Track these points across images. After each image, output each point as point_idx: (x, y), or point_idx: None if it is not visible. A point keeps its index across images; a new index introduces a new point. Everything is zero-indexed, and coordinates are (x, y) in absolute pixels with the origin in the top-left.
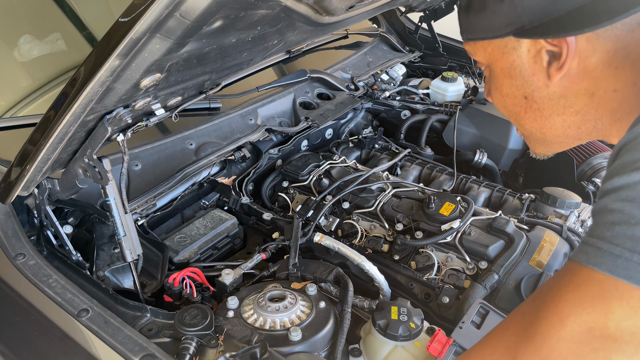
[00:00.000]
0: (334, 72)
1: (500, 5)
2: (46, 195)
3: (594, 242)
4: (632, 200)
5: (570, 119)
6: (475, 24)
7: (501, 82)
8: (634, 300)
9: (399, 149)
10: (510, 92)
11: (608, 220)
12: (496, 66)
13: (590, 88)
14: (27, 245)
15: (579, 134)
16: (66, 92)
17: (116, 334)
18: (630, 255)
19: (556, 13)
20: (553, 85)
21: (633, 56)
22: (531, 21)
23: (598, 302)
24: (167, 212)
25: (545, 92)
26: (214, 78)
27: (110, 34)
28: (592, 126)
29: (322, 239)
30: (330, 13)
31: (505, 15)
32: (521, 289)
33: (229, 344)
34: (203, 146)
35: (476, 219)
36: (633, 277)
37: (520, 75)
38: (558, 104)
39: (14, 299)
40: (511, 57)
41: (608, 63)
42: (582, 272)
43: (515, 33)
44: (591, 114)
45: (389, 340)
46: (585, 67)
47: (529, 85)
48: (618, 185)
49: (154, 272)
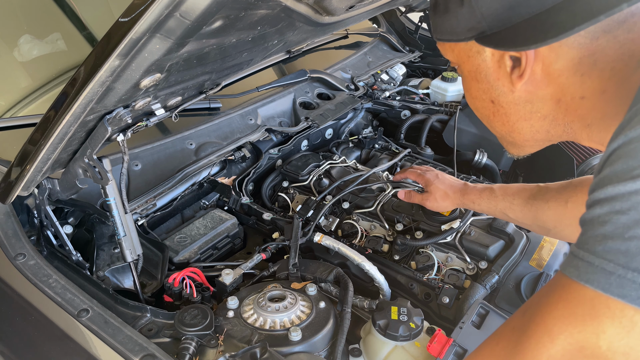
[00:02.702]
0: (334, 72)
1: (460, 9)
2: (46, 195)
3: (584, 255)
4: (626, 212)
5: (537, 124)
6: (441, 25)
7: (469, 85)
8: (626, 319)
9: (399, 149)
10: (478, 95)
11: (600, 233)
12: (464, 68)
13: (556, 94)
14: (27, 245)
15: (549, 137)
16: (66, 92)
17: (116, 334)
18: (624, 272)
19: (515, 20)
20: (518, 90)
21: (600, 64)
22: (491, 27)
23: (589, 321)
24: (167, 212)
25: (511, 97)
26: (214, 78)
27: (110, 34)
28: (561, 130)
29: (322, 239)
30: (330, 13)
31: (466, 20)
32: (521, 289)
33: (229, 344)
34: (203, 146)
35: (476, 219)
36: (627, 295)
37: (485, 79)
38: (524, 109)
39: (14, 299)
40: (476, 61)
41: (574, 70)
42: (572, 287)
43: (476, 38)
44: (559, 119)
45: (389, 341)
46: (550, 73)
47: (494, 90)
48: (611, 195)
49: (154, 272)
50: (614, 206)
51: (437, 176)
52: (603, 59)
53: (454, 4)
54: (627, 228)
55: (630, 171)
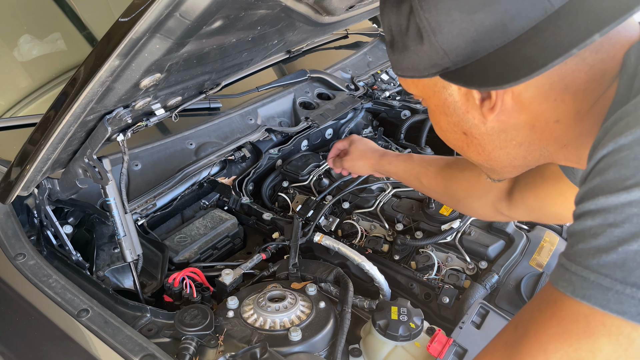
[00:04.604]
0: (334, 72)
1: (421, 46)
2: (46, 195)
3: (578, 270)
4: (620, 225)
5: (514, 151)
6: (401, 62)
7: (438, 118)
8: (623, 337)
9: (399, 149)
10: (449, 128)
11: (593, 246)
12: (430, 102)
13: (530, 121)
14: (27, 245)
15: (526, 163)
16: (66, 92)
17: (116, 334)
18: (621, 288)
19: (480, 53)
20: (490, 121)
21: (572, 87)
22: (455, 63)
23: (584, 339)
24: (167, 212)
25: (484, 128)
26: (214, 78)
27: (110, 34)
28: (538, 154)
29: (322, 239)
30: (330, 13)
31: (428, 57)
32: (521, 289)
33: (229, 344)
34: (203, 146)
35: (476, 219)
36: (627, 312)
37: (454, 112)
38: (499, 138)
39: (13, 299)
40: (443, 96)
41: (545, 96)
42: (566, 303)
43: (441, 74)
44: (535, 144)
45: (389, 341)
46: (521, 101)
47: (465, 123)
48: (603, 206)
49: (154, 272)
50: (607, 218)
51: (360, 139)
52: (574, 82)
53: (413, 41)
54: (622, 241)
55: (623, 181)
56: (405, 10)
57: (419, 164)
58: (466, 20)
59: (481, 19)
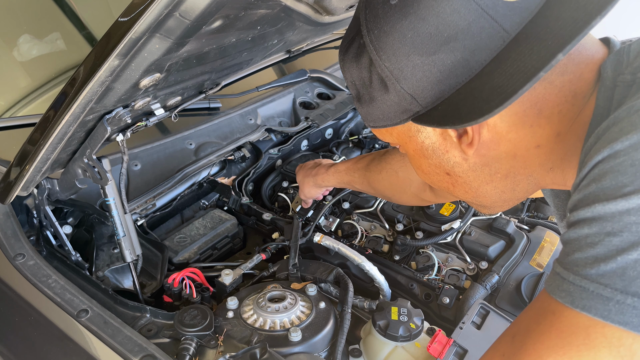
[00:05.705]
0: (334, 71)
1: (387, 95)
2: (45, 195)
3: (575, 279)
4: (618, 234)
5: (501, 184)
6: (371, 114)
7: (419, 162)
8: (624, 348)
9: None
10: (431, 171)
11: (590, 255)
12: (408, 148)
13: (510, 150)
14: (27, 245)
15: (516, 195)
16: (65, 92)
17: (116, 335)
18: (622, 298)
19: (448, 92)
20: (471, 157)
21: (545, 111)
22: (425, 105)
23: (585, 352)
24: (167, 212)
25: (466, 165)
26: (214, 78)
27: (109, 34)
28: (525, 184)
29: (322, 239)
30: (330, 13)
31: (397, 104)
32: (521, 290)
33: (228, 345)
34: (203, 146)
35: (476, 219)
36: (629, 322)
37: (434, 154)
38: (483, 172)
39: (13, 299)
40: (419, 139)
41: (521, 124)
42: (564, 315)
43: (413, 119)
44: (521, 174)
45: (389, 341)
46: (498, 132)
47: (447, 162)
48: (600, 214)
49: (153, 272)
50: (605, 227)
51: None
52: (547, 105)
53: (379, 91)
54: (621, 251)
55: (620, 188)
56: (365, 63)
57: (345, 173)
58: (427, 62)
59: (442, 59)
